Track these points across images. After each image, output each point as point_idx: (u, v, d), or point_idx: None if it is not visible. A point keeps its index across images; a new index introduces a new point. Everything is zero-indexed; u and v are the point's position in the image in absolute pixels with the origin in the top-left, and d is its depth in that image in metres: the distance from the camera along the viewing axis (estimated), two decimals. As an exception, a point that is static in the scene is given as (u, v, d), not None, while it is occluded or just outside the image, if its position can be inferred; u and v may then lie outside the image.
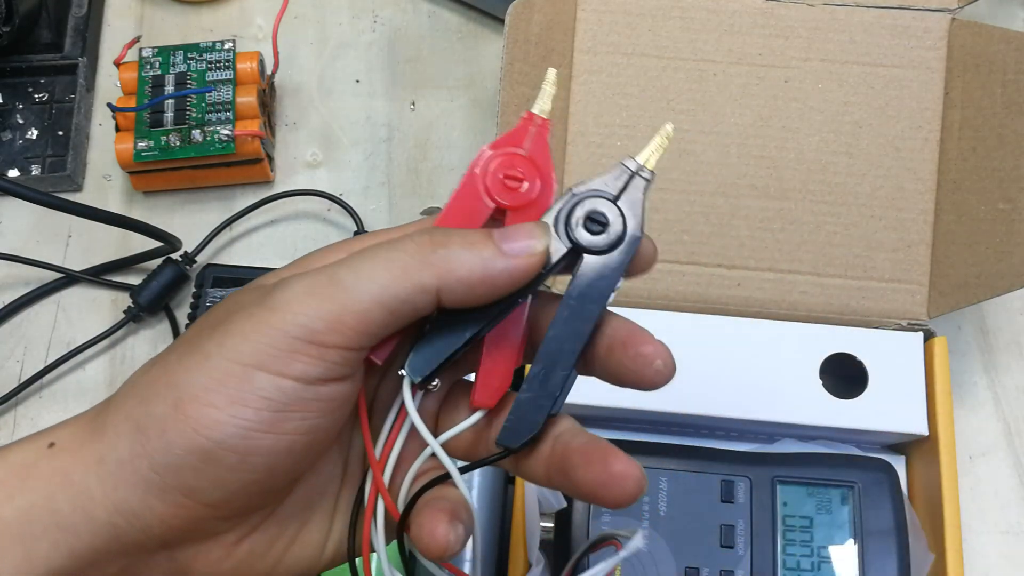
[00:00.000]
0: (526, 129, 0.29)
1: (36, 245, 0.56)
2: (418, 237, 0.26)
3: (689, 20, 0.50)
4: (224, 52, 0.56)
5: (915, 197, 0.49)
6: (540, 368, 0.28)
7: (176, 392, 0.25)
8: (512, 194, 0.28)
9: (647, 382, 0.27)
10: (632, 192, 0.29)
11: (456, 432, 0.28)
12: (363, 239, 0.29)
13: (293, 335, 0.25)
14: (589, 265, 0.28)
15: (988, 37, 0.48)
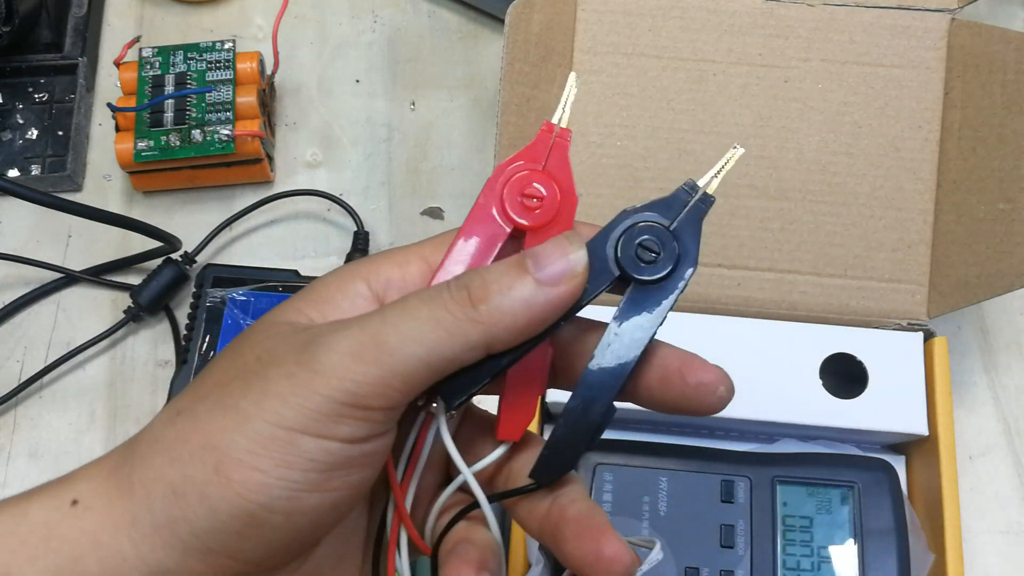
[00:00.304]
0: (545, 141, 0.28)
1: (36, 245, 0.56)
2: (457, 293, 0.25)
3: (689, 20, 0.50)
4: (224, 52, 0.56)
5: (915, 197, 0.49)
6: (579, 402, 0.26)
7: (216, 455, 0.24)
8: (531, 214, 0.27)
9: (708, 410, 0.27)
10: (689, 219, 0.27)
11: (485, 464, 0.28)
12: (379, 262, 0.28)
13: (339, 400, 0.24)
14: (637, 295, 0.27)
15: (988, 37, 0.48)
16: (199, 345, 0.49)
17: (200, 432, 0.25)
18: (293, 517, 0.25)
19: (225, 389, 0.25)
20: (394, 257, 0.28)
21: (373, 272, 0.27)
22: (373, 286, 0.27)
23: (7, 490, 0.51)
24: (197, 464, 0.24)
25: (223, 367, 0.26)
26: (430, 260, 0.28)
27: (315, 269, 0.55)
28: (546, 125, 0.28)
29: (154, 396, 0.53)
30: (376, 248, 0.56)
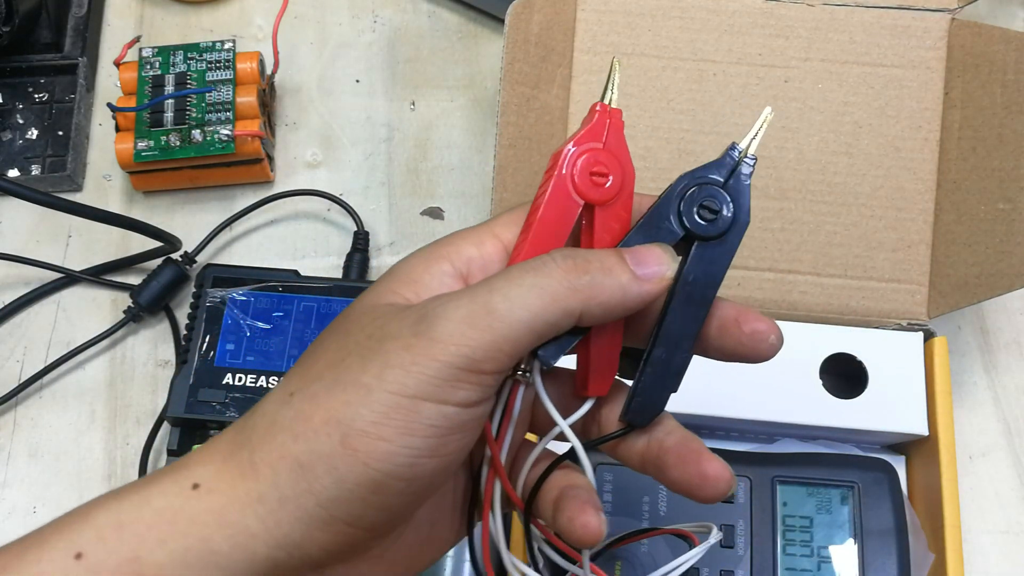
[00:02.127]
0: (603, 122, 0.29)
1: (36, 245, 0.56)
2: (562, 262, 0.27)
3: (689, 20, 0.50)
4: (224, 52, 0.56)
5: (915, 197, 0.49)
6: (662, 351, 0.29)
7: (341, 429, 0.25)
8: (599, 190, 0.29)
9: (761, 356, 0.29)
10: (739, 178, 0.30)
11: (578, 417, 0.30)
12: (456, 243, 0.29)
13: (456, 366, 0.25)
14: (701, 250, 0.29)
15: (988, 37, 0.48)
16: (199, 345, 0.49)
17: (322, 408, 0.26)
18: (413, 482, 0.26)
19: (341, 366, 0.26)
20: (469, 237, 0.30)
21: (455, 252, 0.29)
22: (456, 265, 0.29)
23: (7, 490, 0.51)
24: (323, 439, 0.25)
25: (332, 348, 0.27)
26: (503, 238, 0.30)
27: (315, 269, 0.55)
28: (600, 106, 0.29)
29: (154, 396, 0.53)
30: (376, 248, 0.56)
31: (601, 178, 0.29)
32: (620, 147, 0.29)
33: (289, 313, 0.50)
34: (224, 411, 0.47)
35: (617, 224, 0.29)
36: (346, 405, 0.25)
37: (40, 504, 0.50)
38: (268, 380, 0.48)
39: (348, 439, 0.25)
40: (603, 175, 0.29)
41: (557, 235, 0.29)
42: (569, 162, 0.29)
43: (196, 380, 0.48)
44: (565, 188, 0.29)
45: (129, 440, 0.52)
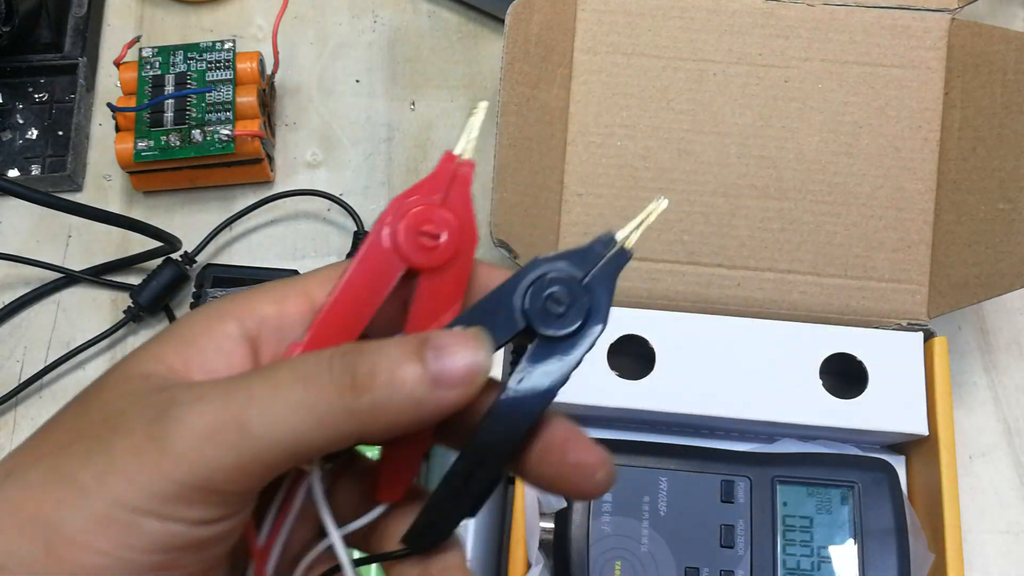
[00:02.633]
0: (445, 173, 0.25)
1: (36, 245, 0.56)
2: (340, 376, 0.22)
3: (689, 20, 0.50)
4: (224, 52, 0.56)
5: (915, 197, 0.49)
6: (463, 466, 0.24)
7: (47, 531, 0.21)
8: (428, 254, 0.24)
9: (583, 494, 0.24)
10: (603, 273, 0.24)
11: (357, 527, 0.25)
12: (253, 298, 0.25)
13: (191, 485, 0.21)
14: (540, 351, 0.24)
15: (988, 37, 0.48)
16: (199, 345, 0.49)
17: (32, 502, 0.22)
18: None
19: (64, 453, 0.22)
20: (271, 292, 0.25)
21: (246, 310, 0.25)
22: (246, 326, 0.24)
23: (7, 490, 0.51)
24: (26, 541, 0.21)
25: (66, 425, 0.23)
26: (313, 296, 0.25)
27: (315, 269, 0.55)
28: (447, 155, 0.25)
29: (154, 396, 0.53)
30: (376, 248, 0.56)
31: (431, 239, 0.24)
32: (463, 205, 0.25)
33: (289, 313, 0.50)
34: (224, 411, 0.47)
35: (448, 296, 0.25)
36: (57, 504, 0.21)
37: (40, 504, 0.50)
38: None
39: (54, 546, 0.21)
40: (434, 236, 0.24)
41: (368, 302, 0.24)
42: (394, 216, 0.24)
43: (196, 380, 0.48)
44: (383, 247, 0.24)
45: (129, 440, 0.52)
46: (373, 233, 0.24)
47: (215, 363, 0.24)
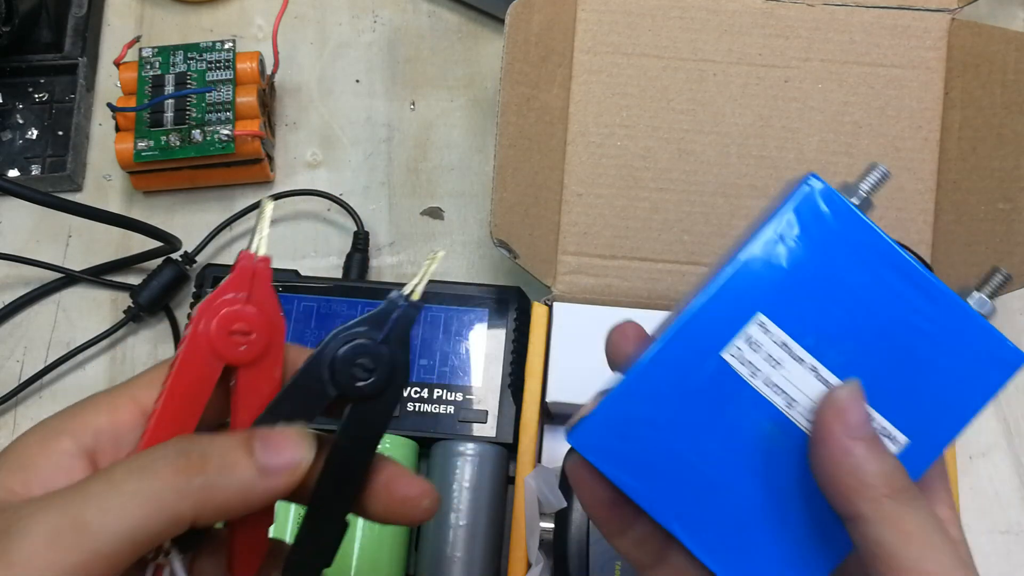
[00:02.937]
0: (246, 272, 0.27)
1: (36, 245, 0.56)
2: (174, 460, 0.23)
3: (689, 20, 0.50)
4: (224, 52, 0.56)
5: (915, 197, 0.49)
6: (312, 523, 0.27)
7: None
8: (240, 351, 0.26)
9: (414, 521, 0.27)
10: (398, 328, 0.27)
11: None
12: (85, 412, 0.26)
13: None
14: (358, 410, 0.27)
15: (988, 37, 0.48)
16: (199, 345, 0.49)
17: None
18: None
19: None
20: (101, 403, 0.26)
21: (79, 425, 0.25)
22: (81, 441, 0.25)
23: (7, 490, 0.51)
24: None
25: None
26: (142, 402, 0.26)
27: (315, 269, 0.55)
28: (243, 255, 0.27)
29: (154, 396, 0.53)
30: (376, 248, 0.56)
31: (243, 336, 0.26)
32: (267, 299, 0.27)
33: (289, 313, 0.50)
34: (224, 411, 0.47)
35: (266, 385, 0.27)
36: None
37: (40, 504, 0.50)
38: (268, 380, 0.48)
39: None
40: (245, 333, 0.26)
41: (195, 401, 0.26)
42: (204, 319, 0.26)
43: (196, 380, 0.48)
44: (201, 349, 0.26)
45: (129, 440, 0.52)
46: (189, 337, 0.26)
47: (55, 480, 0.24)
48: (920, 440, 0.25)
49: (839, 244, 0.26)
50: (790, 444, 0.25)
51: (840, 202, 0.26)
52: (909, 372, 0.25)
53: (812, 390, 0.25)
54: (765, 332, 0.26)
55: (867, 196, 0.26)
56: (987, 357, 0.25)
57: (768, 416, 0.26)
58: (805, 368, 0.26)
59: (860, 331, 0.26)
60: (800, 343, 0.26)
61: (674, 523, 0.26)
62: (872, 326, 0.25)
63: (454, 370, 0.48)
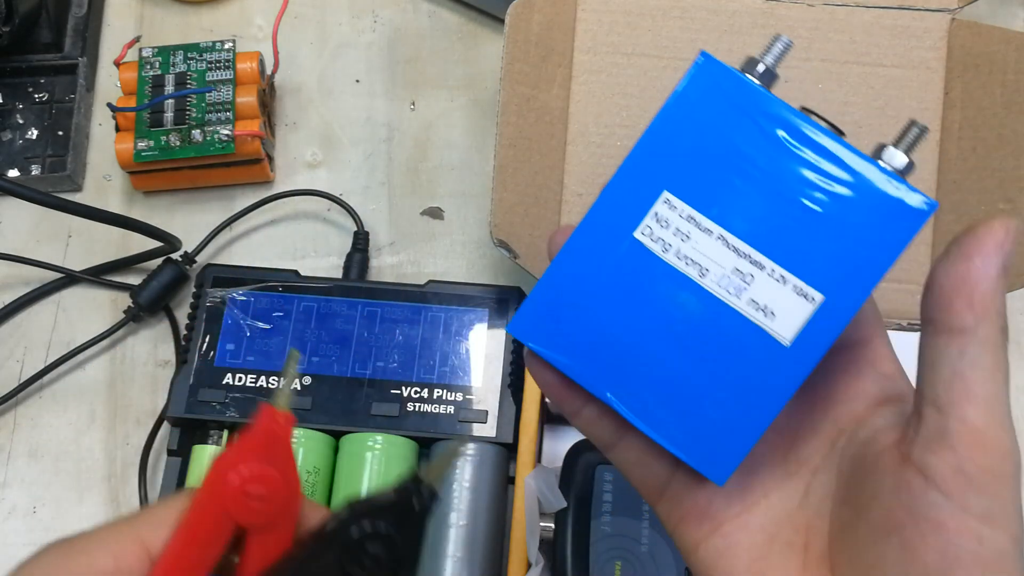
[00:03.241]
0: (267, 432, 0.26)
1: (36, 245, 0.56)
2: None
3: (689, 20, 0.50)
4: (224, 52, 0.56)
5: (915, 197, 0.49)
6: None
7: None
8: (255, 514, 0.25)
9: None
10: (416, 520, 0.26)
11: None
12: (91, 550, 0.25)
13: None
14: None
15: (988, 37, 0.48)
16: (199, 345, 0.49)
17: None
18: None
19: None
20: (108, 541, 0.25)
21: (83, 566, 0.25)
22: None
23: (7, 490, 0.51)
24: None
25: None
26: (149, 545, 0.26)
27: (315, 269, 0.55)
28: (265, 411, 0.26)
29: (154, 396, 0.53)
30: (376, 248, 0.56)
31: (258, 501, 0.25)
32: (287, 462, 0.26)
33: (289, 313, 0.50)
34: (224, 411, 0.48)
35: (276, 547, 0.26)
36: None
37: (40, 504, 0.50)
38: (268, 380, 0.48)
39: None
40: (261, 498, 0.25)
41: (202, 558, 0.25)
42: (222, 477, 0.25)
43: (196, 380, 0.48)
44: (214, 507, 0.25)
45: (129, 440, 0.52)
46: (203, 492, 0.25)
47: None
48: (835, 296, 0.26)
49: (736, 115, 0.26)
50: (708, 311, 0.26)
51: (731, 74, 0.26)
52: (818, 232, 0.26)
53: (722, 258, 0.26)
54: (672, 208, 0.27)
55: (770, 68, 0.27)
56: (895, 209, 0.26)
57: (684, 287, 0.26)
58: (713, 238, 0.26)
59: (765, 197, 0.26)
60: (707, 215, 0.26)
61: (607, 393, 0.27)
62: (777, 191, 0.26)
63: (454, 370, 0.48)
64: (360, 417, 0.47)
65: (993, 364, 0.24)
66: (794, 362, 0.26)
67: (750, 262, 0.26)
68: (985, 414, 0.24)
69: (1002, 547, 0.23)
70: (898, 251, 0.26)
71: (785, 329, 0.26)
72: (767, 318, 0.26)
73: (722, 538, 0.27)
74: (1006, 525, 0.23)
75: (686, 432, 0.27)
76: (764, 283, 0.26)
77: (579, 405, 0.29)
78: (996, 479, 0.23)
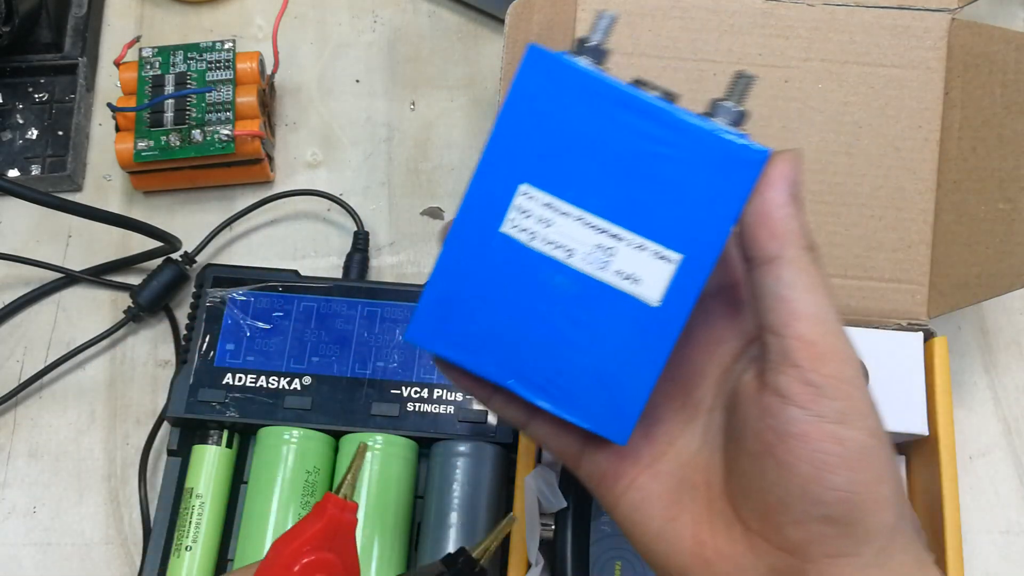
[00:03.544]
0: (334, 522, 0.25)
1: (36, 245, 0.56)
2: None
3: (689, 20, 0.50)
4: (224, 52, 0.56)
5: (915, 197, 0.49)
6: None
7: None
8: None
9: None
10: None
11: None
12: None
13: None
14: None
15: (988, 37, 0.48)
16: (199, 345, 0.49)
17: None
18: None
19: None
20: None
21: None
22: None
23: (7, 490, 0.51)
24: None
25: None
26: None
27: (315, 269, 0.55)
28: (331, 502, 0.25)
29: (154, 396, 0.53)
30: (376, 248, 0.56)
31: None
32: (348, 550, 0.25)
33: (289, 313, 0.50)
34: (224, 411, 0.47)
35: None
36: None
37: (40, 504, 0.50)
38: (268, 380, 0.48)
39: None
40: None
41: None
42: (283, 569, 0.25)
43: (196, 380, 0.48)
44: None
45: (129, 440, 0.52)
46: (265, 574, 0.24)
47: None
48: (692, 253, 0.27)
49: (570, 99, 0.28)
50: (582, 289, 0.28)
51: (557, 61, 0.28)
52: (665, 196, 0.27)
53: (584, 237, 0.28)
54: (531, 199, 0.28)
55: (598, 46, 0.28)
56: (730, 160, 0.27)
57: (556, 270, 0.28)
58: (572, 220, 0.28)
59: (612, 172, 0.27)
60: (563, 198, 0.28)
61: (509, 380, 0.28)
62: (621, 164, 0.27)
63: (454, 370, 0.48)
64: (360, 417, 0.47)
65: (809, 281, 0.26)
66: (666, 321, 0.27)
67: (609, 236, 0.27)
68: (815, 327, 0.26)
69: (863, 443, 0.25)
70: (742, 199, 0.27)
71: (652, 292, 0.27)
72: (634, 285, 0.28)
73: (637, 491, 0.29)
74: (862, 423, 0.25)
75: (584, 402, 0.28)
76: (625, 253, 0.27)
77: (488, 394, 0.30)
78: (842, 383, 0.26)
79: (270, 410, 0.48)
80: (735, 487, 0.28)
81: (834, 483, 0.25)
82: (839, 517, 0.26)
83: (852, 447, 0.25)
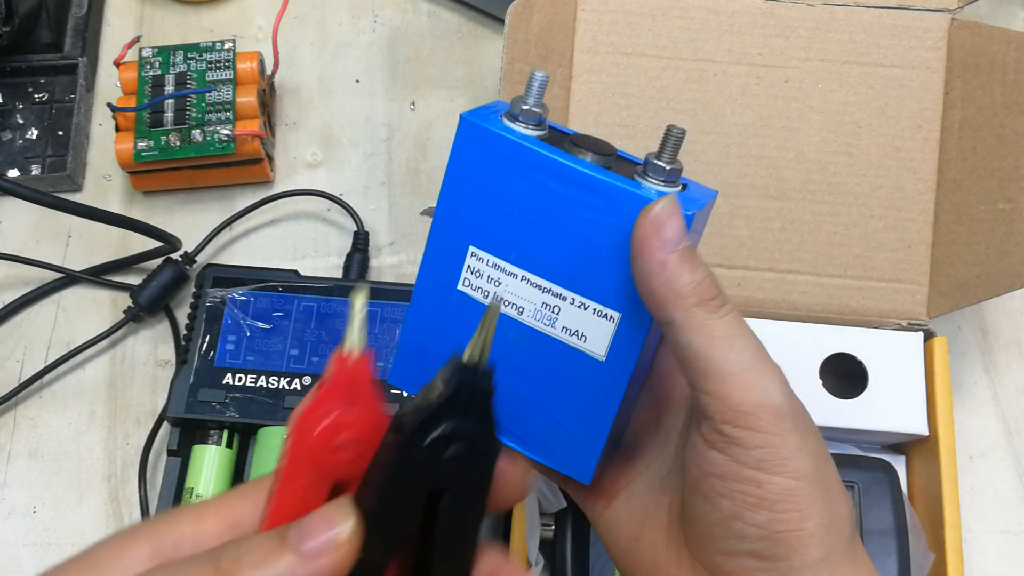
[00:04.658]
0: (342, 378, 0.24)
1: (36, 245, 0.56)
2: (202, 566, 0.23)
3: (689, 20, 0.50)
4: (224, 52, 0.56)
5: (915, 197, 0.49)
6: None
7: None
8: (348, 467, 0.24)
9: None
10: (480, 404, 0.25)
11: None
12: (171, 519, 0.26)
13: None
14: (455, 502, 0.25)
15: (988, 37, 0.48)
16: (199, 345, 0.49)
17: None
18: None
19: None
20: (187, 513, 0.26)
21: (162, 530, 0.25)
22: (161, 547, 0.25)
23: (7, 490, 0.51)
24: None
25: None
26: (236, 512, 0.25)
27: (315, 269, 0.55)
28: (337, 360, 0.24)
29: (154, 396, 0.53)
30: (376, 248, 0.56)
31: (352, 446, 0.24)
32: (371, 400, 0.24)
33: (289, 313, 0.50)
34: (224, 411, 0.47)
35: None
36: None
37: (40, 504, 0.50)
38: (268, 380, 0.48)
39: None
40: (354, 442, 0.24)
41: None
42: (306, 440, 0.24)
43: (196, 380, 0.48)
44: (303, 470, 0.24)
45: (129, 440, 0.52)
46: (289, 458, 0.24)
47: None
48: (630, 310, 0.28)
49: (502, 167, 0.29)
50: (534, 344, 0.29)
51: (486, 133, 0.29)
52: (600, 258, 0.28)
53: (531, 296, 0.29)
54: (479, 260, 0.29)
55: (533, 107, 0.29)
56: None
57: (510, 326, 0.29)
58: (519, 280, 0.29)
59: (549, 235, 0.28)
60: (508, 260, 0.29)
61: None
62: (555, 228, 0.28)
63: (454, 370, 0.48)
64: (360, 417, 0.47)
65: (707, 341, 0.26)
66: (613, 374, 0.29)
67: (553, 295, 0.29)
68: (721, 384, 0.26)
69: (783, 486, 0.26)
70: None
71: (597, 347, 0.29)
72: (580, 340, 0.29)
73: (612, 511, 0.31)
74: (782, 467, 0.26)
75: (548, 444, 0.30)
76: (570, 312, 0.29)
77: None
78: (757, 433, 0.26)
79: (270, 410, 0.48)
80: (684, 513, 0.29)
81: (755, 520, 0.26)
82: (761, 552, 0.26)
83: (771, 490, 0.26)
